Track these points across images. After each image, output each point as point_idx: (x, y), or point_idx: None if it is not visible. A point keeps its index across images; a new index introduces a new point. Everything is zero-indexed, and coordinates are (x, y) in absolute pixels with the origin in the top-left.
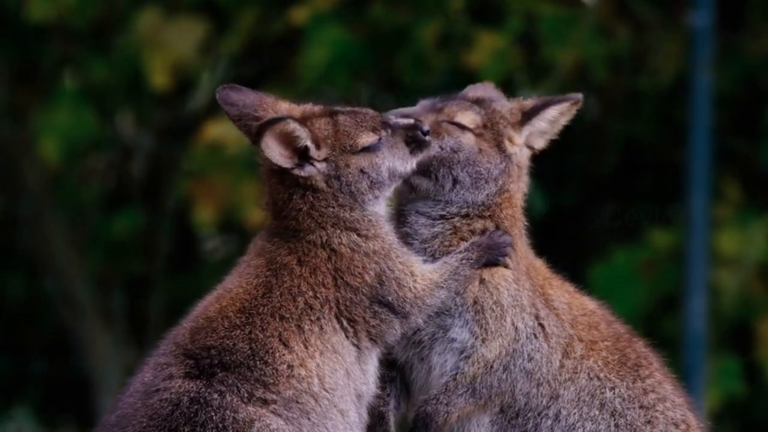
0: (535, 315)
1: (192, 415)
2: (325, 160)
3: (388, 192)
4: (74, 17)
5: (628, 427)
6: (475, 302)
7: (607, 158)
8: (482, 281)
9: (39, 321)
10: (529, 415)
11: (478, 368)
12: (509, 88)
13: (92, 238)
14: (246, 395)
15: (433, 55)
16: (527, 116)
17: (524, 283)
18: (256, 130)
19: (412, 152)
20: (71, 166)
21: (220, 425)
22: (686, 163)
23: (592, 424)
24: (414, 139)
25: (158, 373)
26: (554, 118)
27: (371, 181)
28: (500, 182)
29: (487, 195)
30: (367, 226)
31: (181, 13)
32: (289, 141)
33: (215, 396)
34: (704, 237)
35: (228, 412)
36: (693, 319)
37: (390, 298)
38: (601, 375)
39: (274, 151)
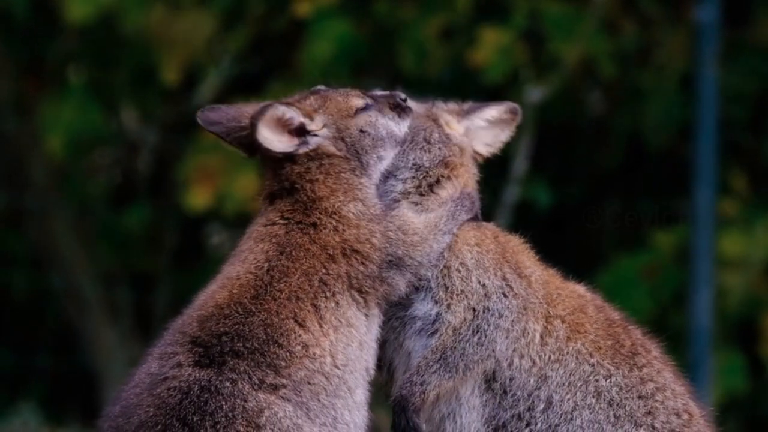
0: (502, 277)
1: (202, 404)
2: (324, 126)
3: (389, 157)
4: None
5: (629, 418)
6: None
7: (613, 154)
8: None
9: (44, 316)
10: (518, 394)
11: (447, 338)
12: (514, 84)
13: (98, 233)
14: (257, 382)
15: (435, 49)
16: (465, 111)
17: (488, 245)
18: (249, 124)
19: (399, 116)
20: (77, 161)
21: (230, 414)
22: (693, 159)
23: (590, 413)
24: (396, 106)
25: (165, 362)
26: (492, 118)
27: (372, 139)
28: (443, 151)
29: (431, 160)
30: (370, 197)
31: (190, 9)
32: (282, 125)
33: (227, 384)
34: (710, 232)
35: (238, 400)
36: (699, 315)
37: (400, 252)
38: (592, 360)
39: (273, 140)
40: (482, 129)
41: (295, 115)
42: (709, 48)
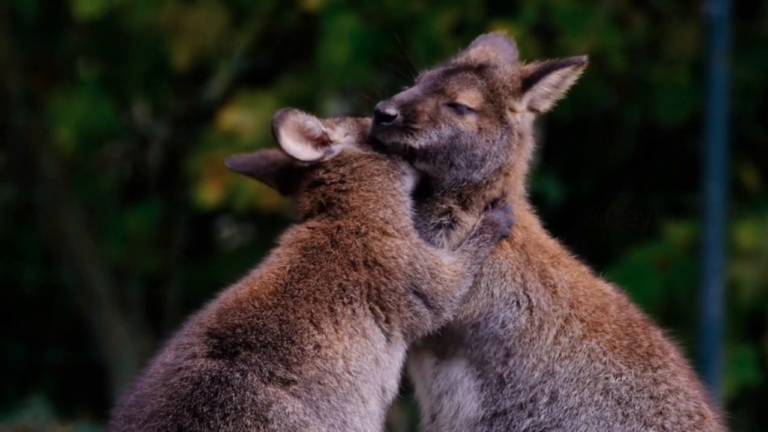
0: (522, 285)
1: (212, 395)
2: (347, 134)
3: (410, 174)
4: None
5: (638, 417)
6: None
7: (623, 147)
8: None
9: (55, 309)
10: (519, 386)
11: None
12: None
13: (108, 227)
14: (267, 375)
15: (446, 43)
16: (528, 83)
17: (509, 252)
18: (270, 130)
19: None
20: (87, 155)
21: (239, 407)
22: (703, 152)
23: (597, 410)
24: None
25: (181, 352)
26: (557, 82)
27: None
28: (500, 158)
29: (484, 174)
30: (402, 207)
31: (200, 3)
32: (304, 135)
33: (237, 375)
34: (721, 225)
35: (248, 393)
36: (710, 307)
37: (424, 288)
38: (605, 358)
39: (297, 149)
40: (546, 92)
41: (315, 125)
42: (720, 42)
